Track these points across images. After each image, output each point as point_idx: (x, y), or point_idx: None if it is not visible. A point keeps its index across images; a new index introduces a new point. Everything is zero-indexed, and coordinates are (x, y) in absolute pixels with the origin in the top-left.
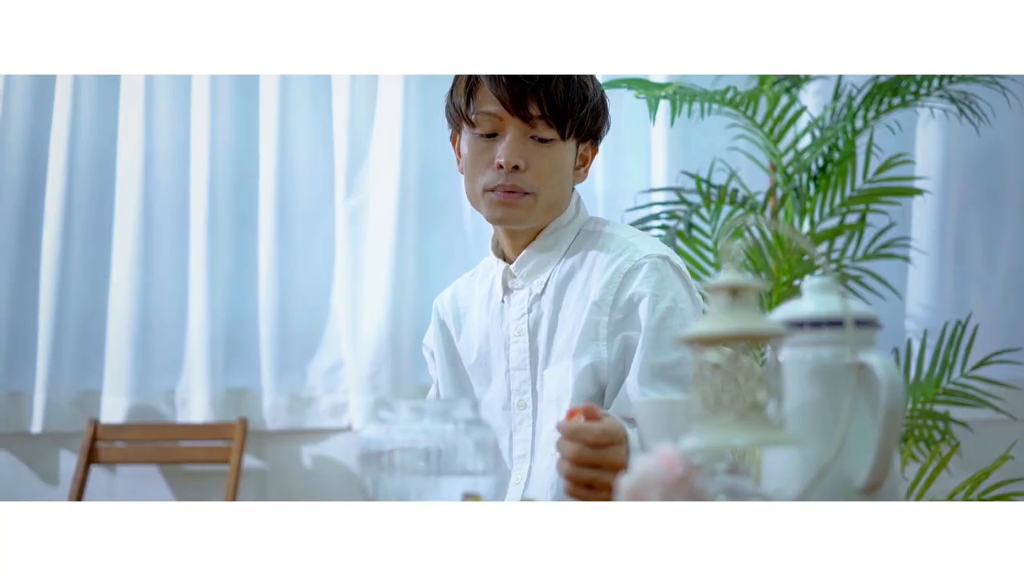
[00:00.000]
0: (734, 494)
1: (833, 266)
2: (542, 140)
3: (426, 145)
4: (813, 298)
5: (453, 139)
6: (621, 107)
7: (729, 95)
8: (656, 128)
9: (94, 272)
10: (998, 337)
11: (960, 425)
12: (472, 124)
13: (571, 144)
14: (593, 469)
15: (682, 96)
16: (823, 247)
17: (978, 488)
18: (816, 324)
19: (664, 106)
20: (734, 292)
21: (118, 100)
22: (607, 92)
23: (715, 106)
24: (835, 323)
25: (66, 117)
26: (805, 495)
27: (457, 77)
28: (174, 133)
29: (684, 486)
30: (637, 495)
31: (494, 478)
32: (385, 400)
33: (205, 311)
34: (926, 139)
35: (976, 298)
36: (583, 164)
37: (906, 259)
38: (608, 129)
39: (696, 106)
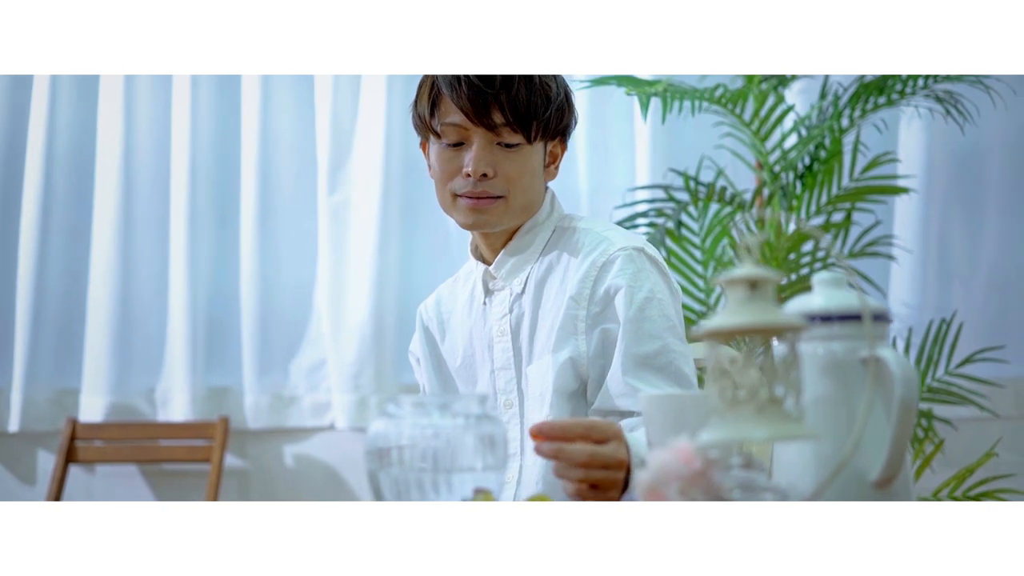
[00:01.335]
0: (749, 488)
1: (819, 265)
2: (508, 146)
3: (409, 142)
4: (823, 292)
5: (423, 147)
6: (606, 105)
7: (719, 93)
8: (640, 126)
9: (73, 268)
10: (980, 335)
11: (943, 423)
12: (438, 135)
13: (539, 146)
14: (600, 469)
15: (672, 94)
16: (809, 245)
17: (962, 485)
18: (827, 318)
19: (650, 104)
20: (753, 285)
21: (97, 94)
22: (592, 90)
23: (702, 104)
24: (846, 317)
25: (44, 113)
26: (821, 490)
27: (420, 87)
28: (154, 127)
29: (702, 480)
30: (655, 489)
31: (504, 473)
32: (392, 396)
33: (186, 309)
34: (909, 138)
35: (958, 296)
36: (552, 162)
37: (891, 257)
38: (575, 124)
39: (686, 104)
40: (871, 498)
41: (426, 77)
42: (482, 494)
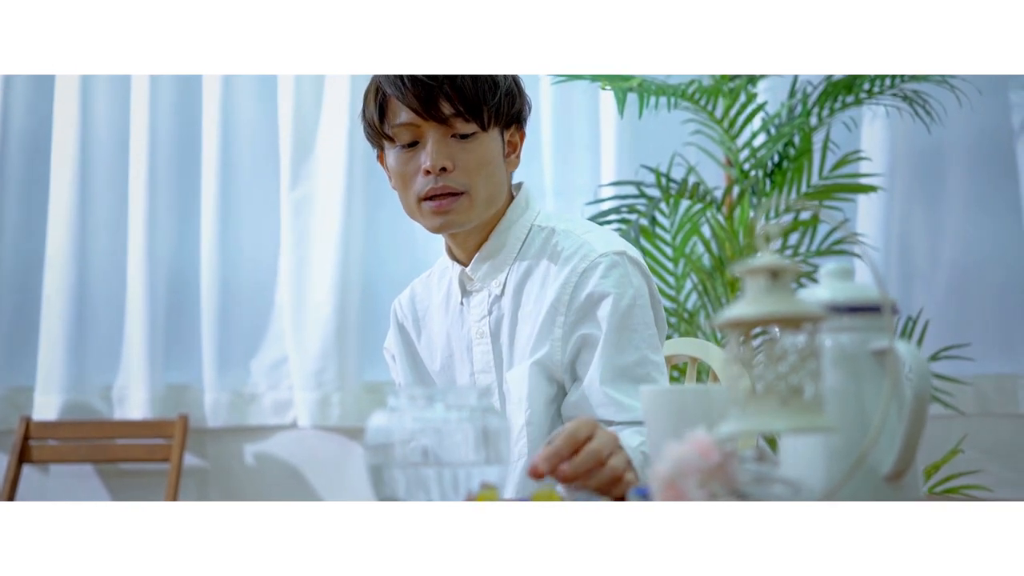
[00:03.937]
0: (764, 482)
1: (799, 258)
2: (463, 136)
3: None
4: (830, 284)
5: (380, 158)
6: (571, 103)
7: (692, 89)
8: (605, 124)
9: (26, 263)
10: (943, 333)
11: None
12: (391, 139)
13: (494, 133)
14: (611, 461)
15: (646, 90)
16: (778, 243)
17: (928, 482)
18: (835, 310)
19: (617, 99)
20: (774, 274)
21: (53, 86)
22: (557, 88)
23: (675, 101)
24: (854, 309)
25: None
26: (840, 485)
27: (366, 95)
28: (113, 119)
29: (720, 473)
30: (673, 483)
31: (506, 466)
32: (394, 389)
33: (144, 304)
34: (872, 137)
35: (921, 294)
36: (513, 151)
37: (857, 255)
38: (530, 111)
39: (662, 100)
40: (882, 491)
41: (370, 84)
42: (488, 490)
